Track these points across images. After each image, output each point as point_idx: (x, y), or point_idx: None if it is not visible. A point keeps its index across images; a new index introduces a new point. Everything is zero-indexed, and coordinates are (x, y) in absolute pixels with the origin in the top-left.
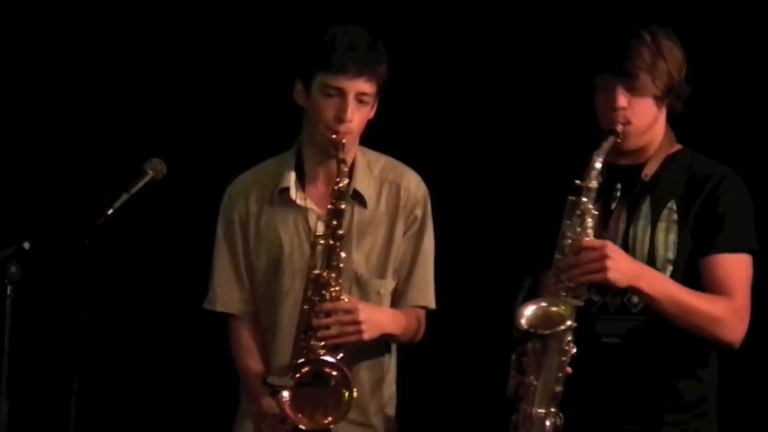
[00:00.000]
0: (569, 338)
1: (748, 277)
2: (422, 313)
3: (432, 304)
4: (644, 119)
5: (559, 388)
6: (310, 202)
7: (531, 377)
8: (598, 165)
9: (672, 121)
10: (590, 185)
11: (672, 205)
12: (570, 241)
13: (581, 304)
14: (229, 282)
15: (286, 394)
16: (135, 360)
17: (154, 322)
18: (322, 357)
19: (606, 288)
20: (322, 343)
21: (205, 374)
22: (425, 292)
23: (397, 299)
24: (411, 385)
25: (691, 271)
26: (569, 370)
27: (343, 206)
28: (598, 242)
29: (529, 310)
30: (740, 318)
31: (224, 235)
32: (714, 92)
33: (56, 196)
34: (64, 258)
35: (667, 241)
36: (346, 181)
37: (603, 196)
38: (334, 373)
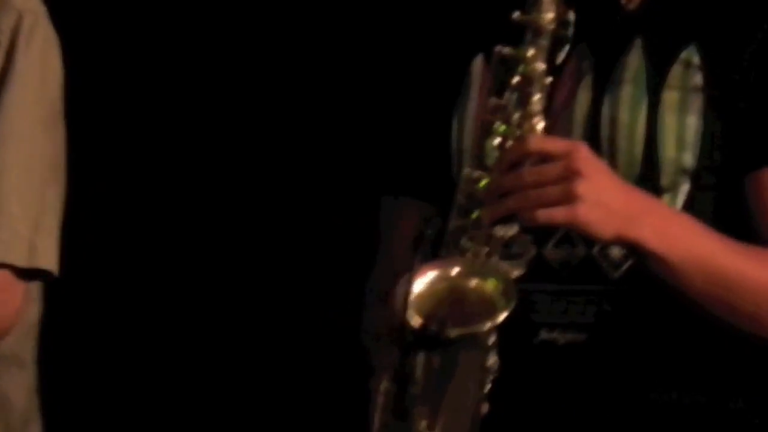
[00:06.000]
0: (492, 343)
1: None
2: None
3: (21, 260)
4: None
5: None
6: None
7: (422, 421)
8: None
9: None
10: (541, 23)
11: (691, 55)
12: (500, 139)
13: (522, 271)
14: None
15: None
16: None
17: None
18: None
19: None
20: None
21: None
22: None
23: None
24: None
25: (731, 193)
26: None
27: None
28: (561, 144)
29: (422, 287)
30: None
31: None
32: None
33: None
34: None
35: (683, 130)
36: None
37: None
38: None
